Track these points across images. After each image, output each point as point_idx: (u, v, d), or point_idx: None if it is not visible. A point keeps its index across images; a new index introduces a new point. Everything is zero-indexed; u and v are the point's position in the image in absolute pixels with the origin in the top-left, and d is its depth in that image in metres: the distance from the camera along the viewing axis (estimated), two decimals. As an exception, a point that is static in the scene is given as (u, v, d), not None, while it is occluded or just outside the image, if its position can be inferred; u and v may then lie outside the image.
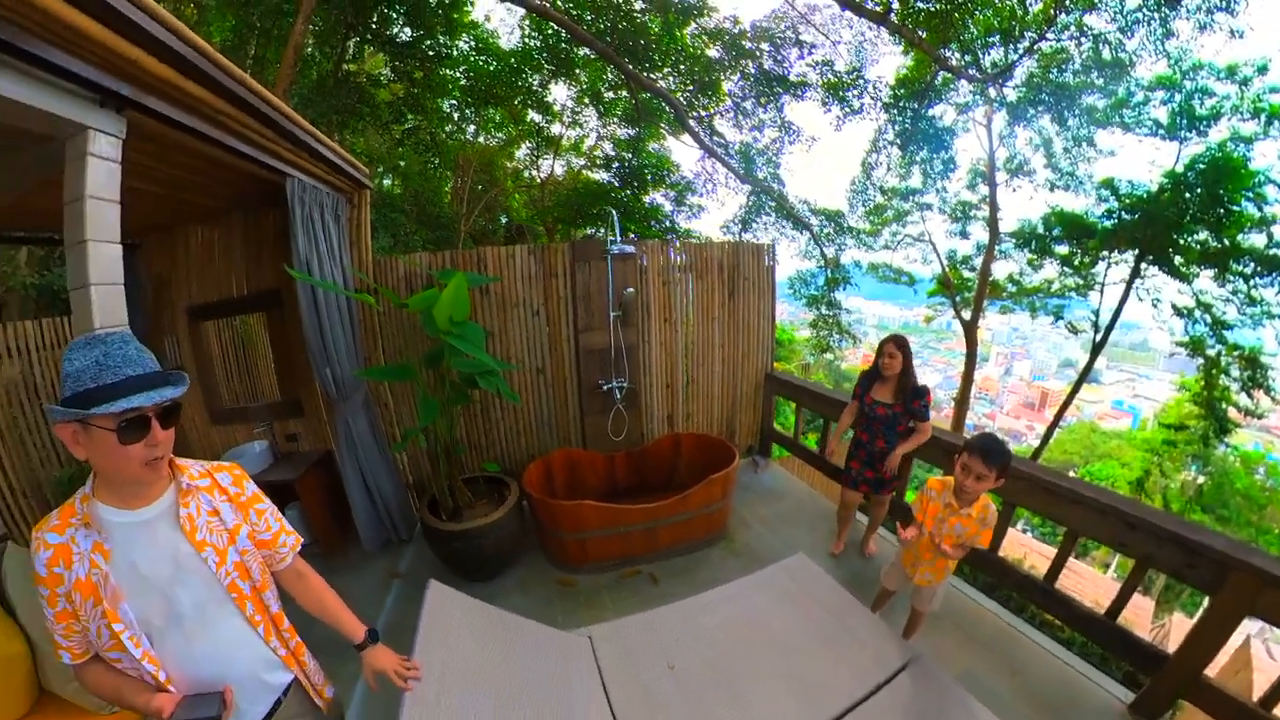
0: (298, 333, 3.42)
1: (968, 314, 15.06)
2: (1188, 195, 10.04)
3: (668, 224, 11.37)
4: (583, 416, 4.45)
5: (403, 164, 10.19)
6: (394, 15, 8.34)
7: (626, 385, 4.30)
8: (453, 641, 1.91)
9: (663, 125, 11.38)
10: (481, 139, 11.10)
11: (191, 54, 1.74)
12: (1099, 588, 11.56)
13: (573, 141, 11.91)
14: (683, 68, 10.58)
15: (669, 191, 11.75)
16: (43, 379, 3.31)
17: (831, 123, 11.71)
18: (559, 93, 10.96)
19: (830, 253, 12.79)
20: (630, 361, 4.35)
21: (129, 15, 1.46)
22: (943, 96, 12.18)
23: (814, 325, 13.36)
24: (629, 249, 4.21)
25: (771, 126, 11.82)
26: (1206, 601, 2.18)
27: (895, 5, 9.51)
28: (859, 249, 14.83)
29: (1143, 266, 11.59)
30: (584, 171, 12.01)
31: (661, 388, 4.77)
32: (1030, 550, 12.87)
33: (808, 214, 12.59)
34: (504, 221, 11.55)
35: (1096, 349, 13.14)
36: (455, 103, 10.00)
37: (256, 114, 2.27)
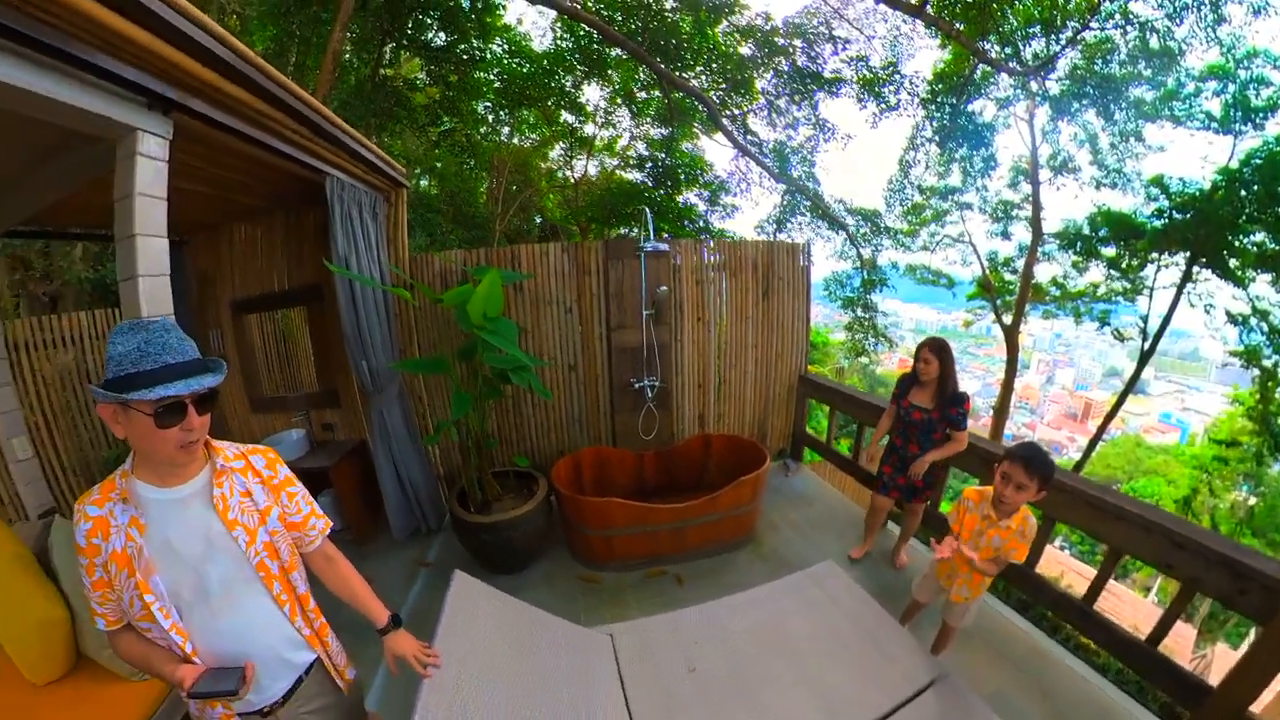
0: (336, 326, 3.52)
1: (1009, 318, 14.42)
2: (1243, 193, 9.33)
3: (701, 224, 11.24)
4: (613, 414, 4.44)
5: (439, 165, 10.38)
6: (428, 21, 8.48)
7: (658, 384, 4.27)
8: (474, 632, 1.92)
9: (696, 125, 11.27)
10: (516, 140, 11.23)
11: (233, 58, 1.80)
12: (1138, 612, 10.96)
13: (606, 142, 11.91)
14: (715, 66, 10.47)
15: (703, 191, 11.63)
16: (94, 366, 3.49)
17: (867, 120, 11.34)
18: (591, 93, 11.02)
19: (867, 253, 12.45)
20: (662, 360, 4.32)
21: (174, 22, 1.53)
22: (982, 91, 11.65)
23: (849, 328, 12.98)
24: (662, 246, 4.18)
25: (806, 124, 11.59)
26: (1254, 631, 2.02)
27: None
28: (896, 250, 14.45)
29: (1195, 270, 10.88)
30: (617, 171, 12.01)
31: (693, 387, 4.73)
32: (1067, 569, 12.30)
33: (843, 213, 12.27)
34: (538, 221, 11.65)
35: (1144, 358, 12.38)
36: (489, 105, 10.10)
37: (296, 115, 2.34)
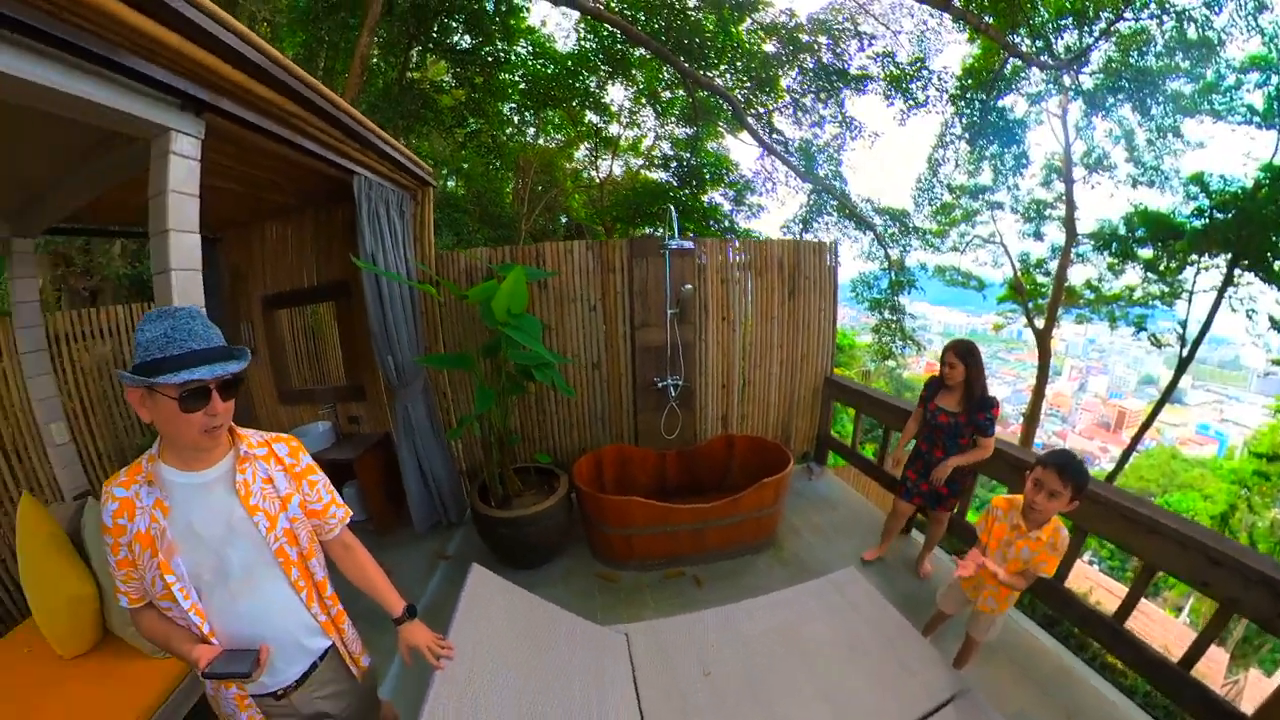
0: (363, 322, 3.57)
1: (1040, 322, 13.93)
2: (1289, 191, 8.87)
3: (727, 224, 11.11)
4: (636, 413, 4.42)
5: (466, 166, 10.49)
6: (453, 24, 8.61)
7: (682, 383, 4.24)
8: (489, 625, 1.92)
9: (721, 124, 11.19)
10: (541, 141, 11.31)
11: (262, 59, 1.85)
12: (1169, 632, 10.42)
13: (631, 142, 11.89)
14: (739, 64, 10.37)
15: (728, 191, 11.52)
16: (130, 357, 3.57)
17: (895, 117, 11.06)
18: (616, 93, 11.01)
19: (894, 254, 12.12)
20: (686, 360, 4.29)
21: (205, 26, 1.58)
22: (1013, 86, 11.21)
23: (876, 330, 12.61)
24: (687, 244, 4.15)
25: (832, 122, 11.38)
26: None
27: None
28: (925, 250, 14.11)
29: (1236, 272, 10.38)
30: (642, 171, 11.97)
31: (717, 388, 4.68)
32: (1096, 585, 11.74)
33: (871, 213, 12.00)
34: (564, 221, 11.68)
35: (1182, 365, 11.85)
36: (515, 106, 10.17)
37: (323, 114, 2.40)
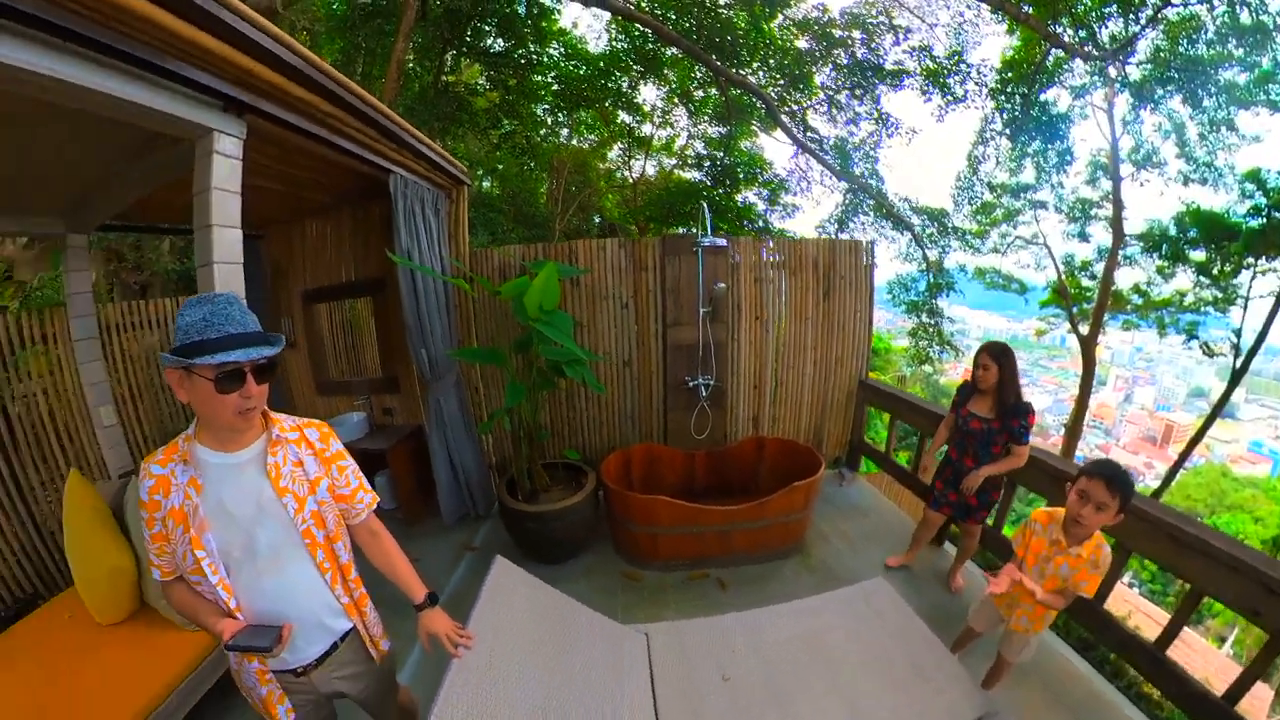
0: (399, 316, 3.66)
1: (1085, 328, 13.18)
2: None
3: (761, 224, 10.94)
4: (666, 412, 4.40)
5: (500, 167, 10.64)
6: (486, 28, 8.74)
7: (713, 383, 4.20)
8: (509, 616, 1.94)
9: (754, 122, 11.04)
10: (574, 141, 11.36)
11: (300, 63, 1.94)
12: (1210, 664, 9.76)
13: (664, 141, 11.85)
14: (772, 62, 10.22)
15: (762, 190, 11.34)
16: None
17: (933, 113, 10.74)
18: (648, 93, 10.99)
19: (933, 255, 11.69)
20: (718, 359, 4.24)
21: (246, 32, 1.67)
22: (1055, 79, 10.62)
23: (913, 334, 12.16)
24: (720, 242, 4.11)
25: (868, 119, 11.08)
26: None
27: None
28: (964, 252, 13.58)
29: None
30: (675, 171, 11.92)
31: (749, 388, 4.62)
32: (1135, 608, 11.11)
33: (908, 213, 11.61)
34: (597, 221, 11.69)
35: (1235, 377, 10.96)
36: (548, 107, 10.25)
37: (360, 115, 2.49)
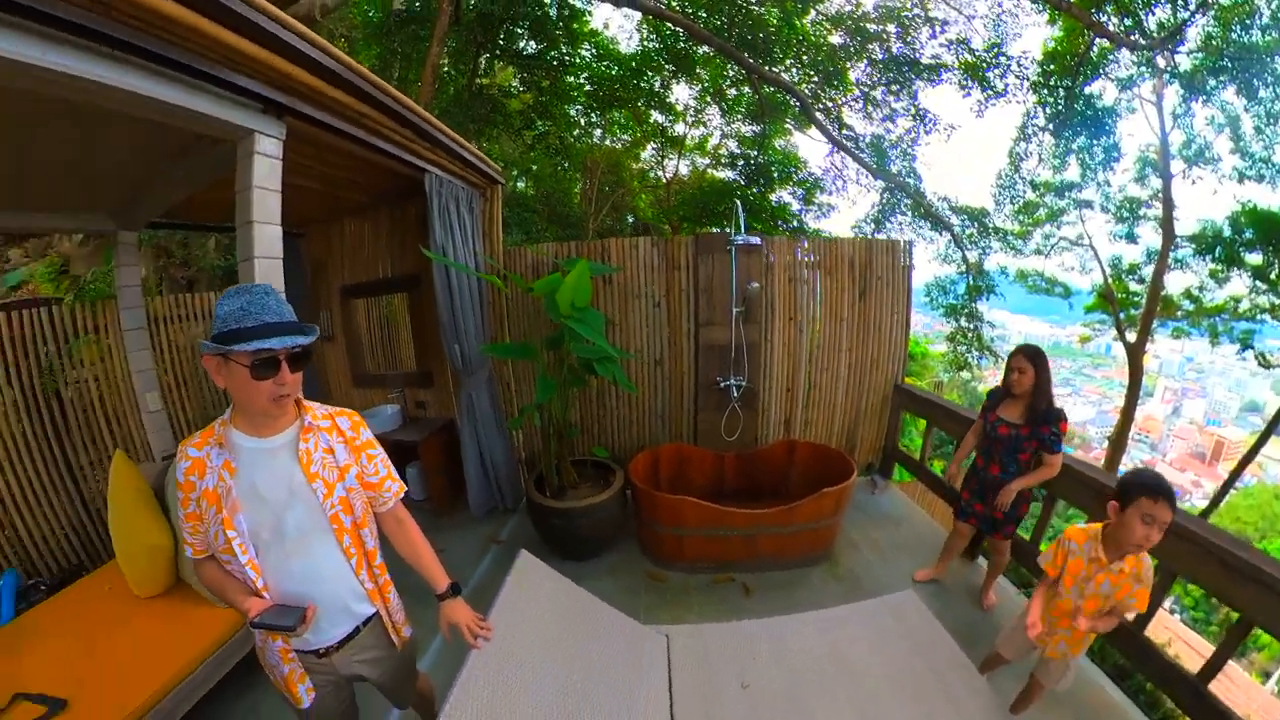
0: (433, 312, 3.74)
1: (1132, 336, 12.31)
2: None
3: (795, 223, 10.74)
4: (696, 412, 4.36)
5: (534, 168, 10.76)
6: (519, 31, 8.82)
7: (745, 384, 4.14)
8: (531, 609, 1.96)
9: (788, 120, 10.84)
10: (608, 142, 11.39)
11: (337, 66, 2.01)
12: (1253, 700, 9.11)
13: (697, 141, 11.75)
14: (805, 58, 9.98)
15: (796, 189, 11.12)
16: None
17: (972, 108, 10.19)
18: (681, 92, 10.93)
19: (973, 257, 11.23)
20: (750, 360, 4.18)
21: (285, 38, 1.75)
22: (1101, 70, 9.94)
23: (951, 339, 11.61)
24: (754, 240, 4.06)
25: (904, 116, 10.64)
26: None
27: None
28: (1006, 253, 12.89)
29: None
30: (709, 171, 11.81)
31: (781, 390, 4.55)
32: (1175, 635, 10.48)
33: (948, 212, 11.18)
34: (630, 221, 11.67)
35: None
36: (581, 108, 10.31)
37: (395, 116, 2.57)
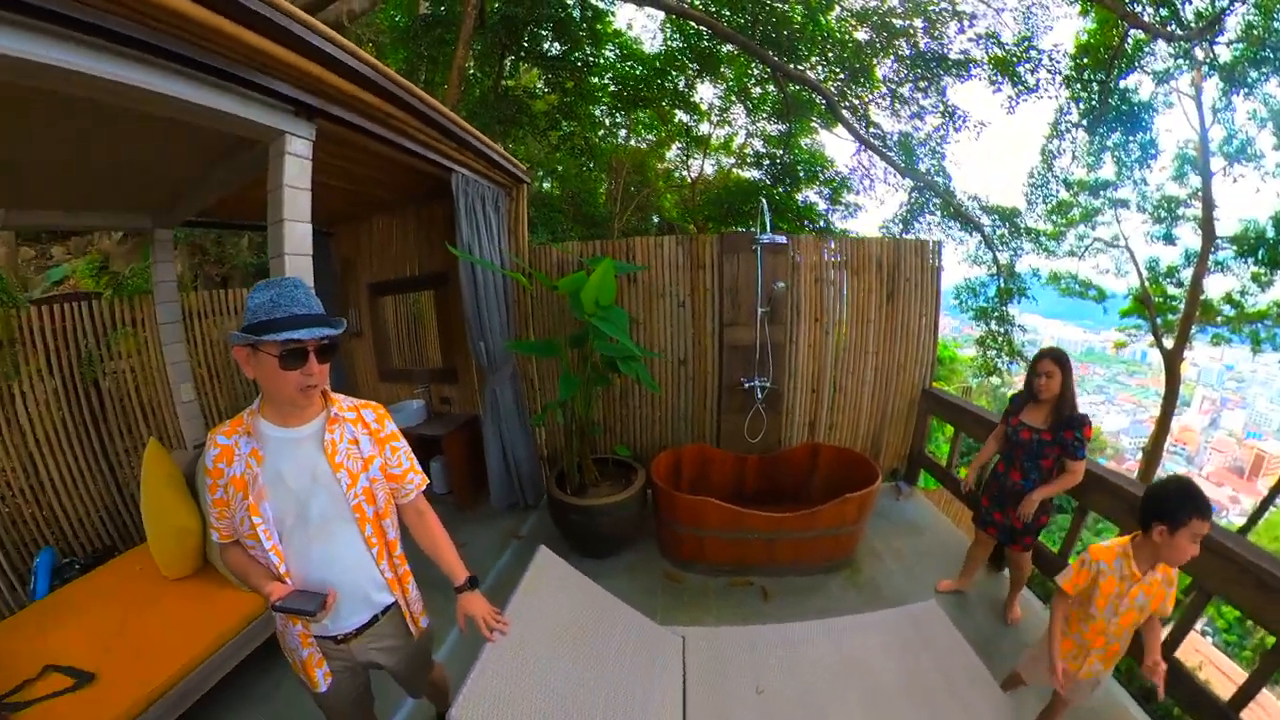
0: (459, 310, 3.80)
1: (1170, 342, 11.72)
2: None
3: (822, 224, 10.56)
4: (720, 413, 4.33)
5: (560, 168, 10.82)
6: (543, 33, 8.87)
7: (769, 386, 4.10)
8: (547, 605, 1.97)
9: (814, 119, 10.68)
10: (633, 142, 11.38)
11: (365, 69, 2.08)
12: None
13: (722, 140, 11.69)
14: (831, 55, 9.82)
15: (823, 189, 10.94)
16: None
17: (1003, 104, 9.90)
18: (705, 92, 10.89)
19: (1004, 258, 10.83)
20: (775, 361, 4.14)
21: (314, 42, 1.81)
22: (1136, 63, 9.49)
23: (980, 343, 11.27)
24: (780, 239, 4.01)
25: (933, 113, 10.35)
26: None
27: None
28: (1038, 255, 12.44)
29: None
30: (734, 170, 11.73)
31: (806, 392, 4.48)
32: (1207, 660, 9.99)
33: (978, 212, 10.85)
34: (655, 221, 11.64)
35: None
36: (605, 108, 10.34)
37: (423, 117, 2.63)
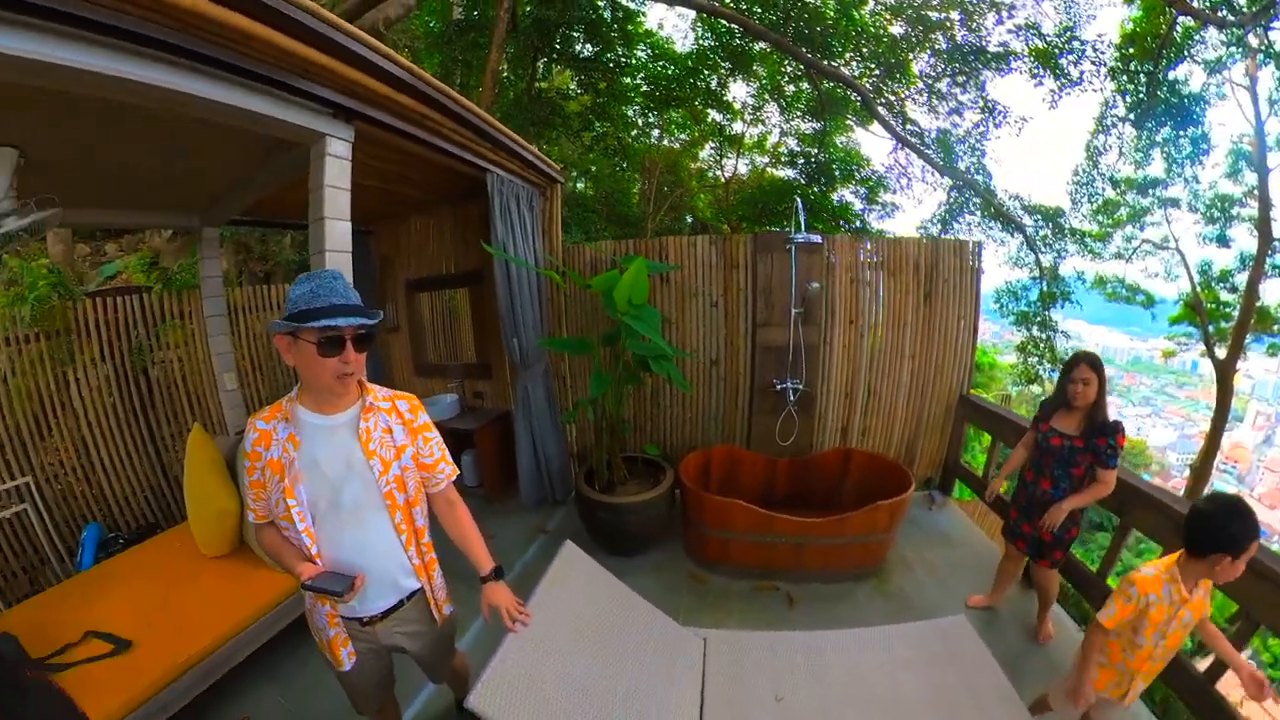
0: (494, 307, 3.87)
1: (1222, 352, 10.94)
2: None
3: (858, 224, 10.31)
4: (751, 415, 4.29)
5: (594, 168, 10.89)
6: (574, 35, 8.93)
7: (802, 388, 4.04)
8: (570, 599, 1.98)
9: (849, 116, 10.44)
10: (665, 142, 11.36)
11: (401, 72, 2.16)
12: None
13: (755, 139, 11.57)
14: (865, 50, 9.58)
15: (859, 188, 10.70)
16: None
17: (1045, 99, 9.43)
18: (738, 90, 10.76)
19: (1047, 260, 10.31)
20: (809, 363, 4.08)
21: (352, 48, 1.90)
22: (1185, 53, 8.81)
23: (1021, 349, 10.73)
24: (815, 239, 3.96)
25: (972, 109, 9.93)
26: None
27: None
28: (1083, 257, 11.76)
29: None
30: (768, 170, 11.58)
31: (839, 396, 4.40)
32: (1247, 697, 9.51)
33: (1019, 212, 10.39)
34: (689, 221, 11.58)
35: None
36: (638, 108, 10.35)
37: (457, 117, 2.70)
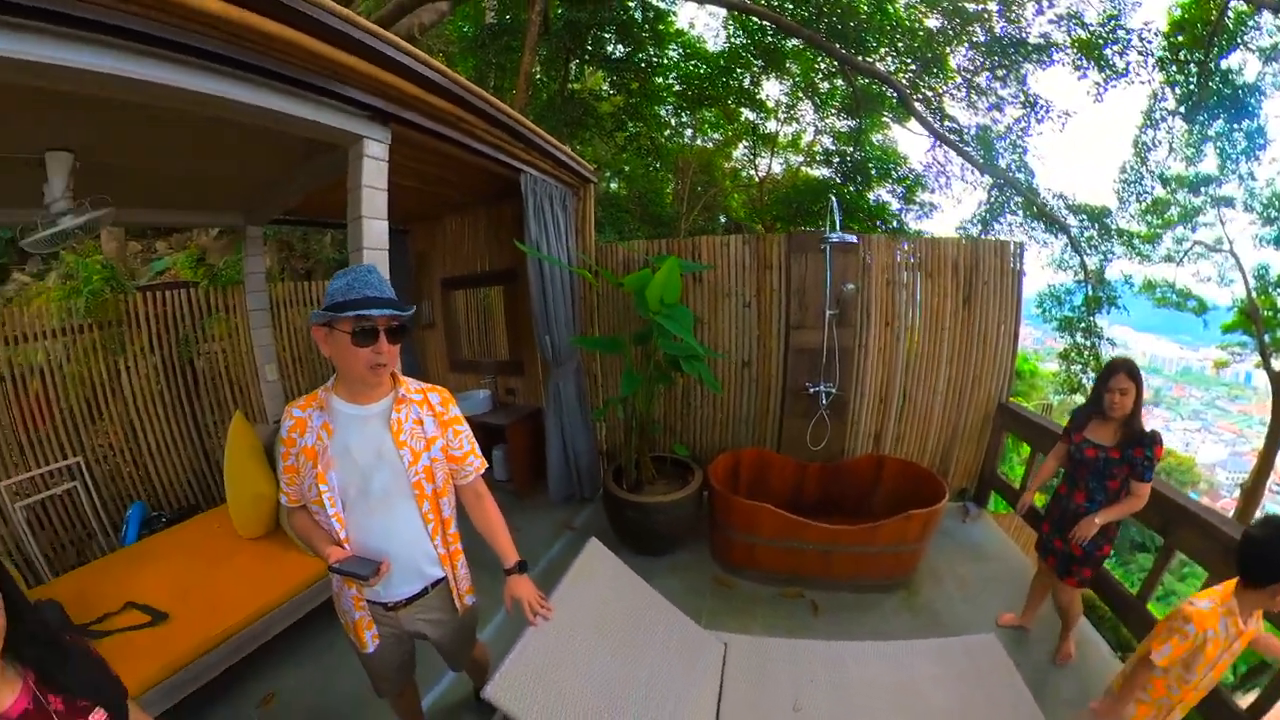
0: (527, 305, 3.94)
1: (1279, 363, 10.41)
2: None
3: (895, 224, 10.02)
4: (782, 418, 4.24)
5: (627, 169, 10.92)
6: (606, 36, 8.96)
7: (835, 391, 3.97)
8: (592, 596, 1.99)
9: (885, 113, 10.17)
10: (699, 141, 11.32)
11: (435, 76, 2.23)
12: None
13: (789, 138, 11.40)
14: (901, 45, 9.29)
15: (896, 187, 10.39)
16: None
17: (1089, 92, 8.90)
18: (771, 88, 10.57)
19: (1092, 263, 9.75)
20: (842, 366, 4.00)
21: (388, 53, 1.97)
22: (1239, 40, 8.12)
23: (1064, 356, 10.20)
24: (850, 239, 3.89)
25: (1013, 103, 9.50)
26: None
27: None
28: (1131, 259, 11.12)
29: None
30: (803, 169, 11.40)
31: (873, 401, 4.32)
32: None
33: (1063, 211, 9.86)
34: (722, 220, 11.48)
35: None
36: (671, 108, 10.32)
37: (491, 119, 2.76)
